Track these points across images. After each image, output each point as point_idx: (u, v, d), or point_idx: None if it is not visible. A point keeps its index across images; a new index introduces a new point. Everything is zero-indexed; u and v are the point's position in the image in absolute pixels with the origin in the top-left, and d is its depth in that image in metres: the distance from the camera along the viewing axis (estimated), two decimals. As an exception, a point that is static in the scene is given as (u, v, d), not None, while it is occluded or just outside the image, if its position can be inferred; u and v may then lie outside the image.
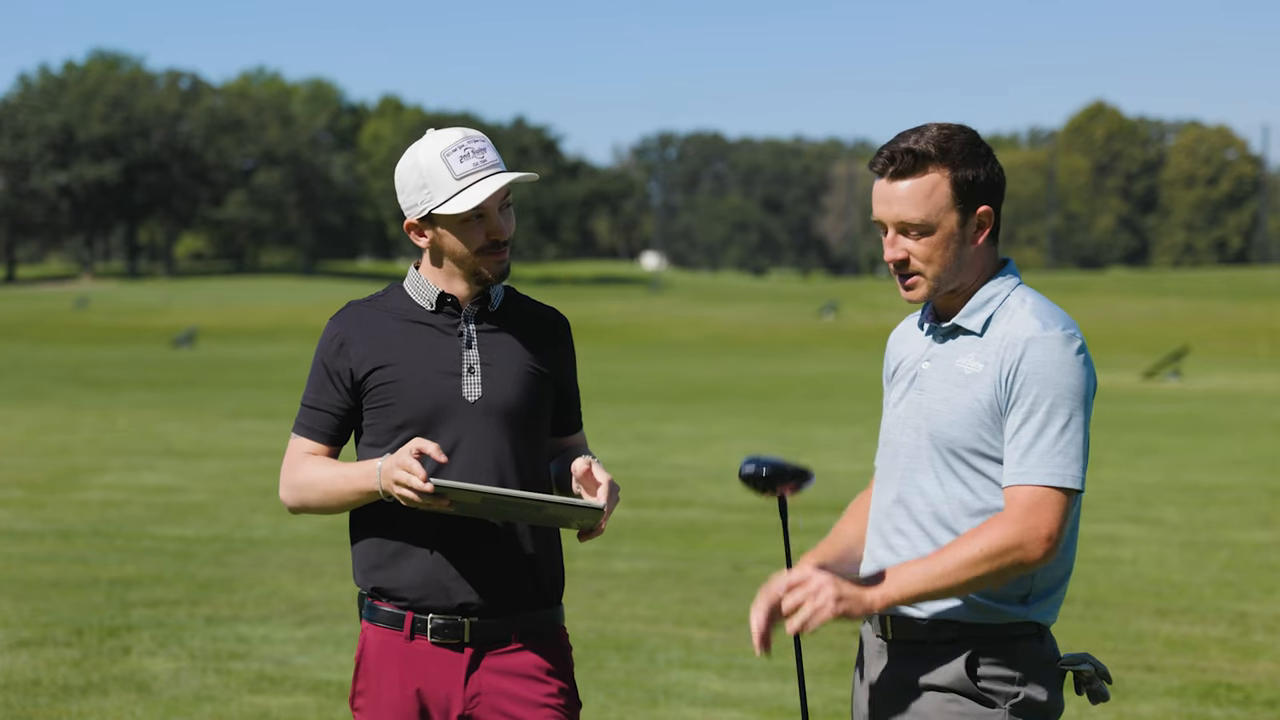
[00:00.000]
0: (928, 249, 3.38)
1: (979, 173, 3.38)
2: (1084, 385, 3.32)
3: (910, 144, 3.37)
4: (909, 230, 3.39)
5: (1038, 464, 3.28)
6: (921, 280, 3.41)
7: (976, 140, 3.41)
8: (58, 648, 8.62)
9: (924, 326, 3.52)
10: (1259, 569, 11.99)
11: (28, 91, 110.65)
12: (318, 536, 12.80)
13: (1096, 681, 3.43)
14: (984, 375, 3.36)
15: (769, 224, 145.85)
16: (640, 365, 42.15)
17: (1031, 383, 3.30)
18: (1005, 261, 3.49)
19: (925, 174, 3.36)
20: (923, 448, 3.41)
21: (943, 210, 3.37)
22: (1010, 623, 3.37)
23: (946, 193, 3.37)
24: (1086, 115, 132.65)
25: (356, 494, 3.67)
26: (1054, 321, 3.35)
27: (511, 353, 3.77)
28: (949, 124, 3.42)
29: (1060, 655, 3.45)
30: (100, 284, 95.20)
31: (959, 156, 3.37)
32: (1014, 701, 3.37)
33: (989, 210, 3.41)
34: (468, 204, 3.63)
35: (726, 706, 7.75)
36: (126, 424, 23.12)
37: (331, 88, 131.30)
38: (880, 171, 3.40)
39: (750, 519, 14.22)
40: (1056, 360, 3.31)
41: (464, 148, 3.67)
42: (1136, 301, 66.19)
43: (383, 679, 3.74)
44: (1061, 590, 3.44)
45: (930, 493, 3.40)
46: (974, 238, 3.41)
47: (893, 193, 3.38)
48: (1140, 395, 31.53)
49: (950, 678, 3.38)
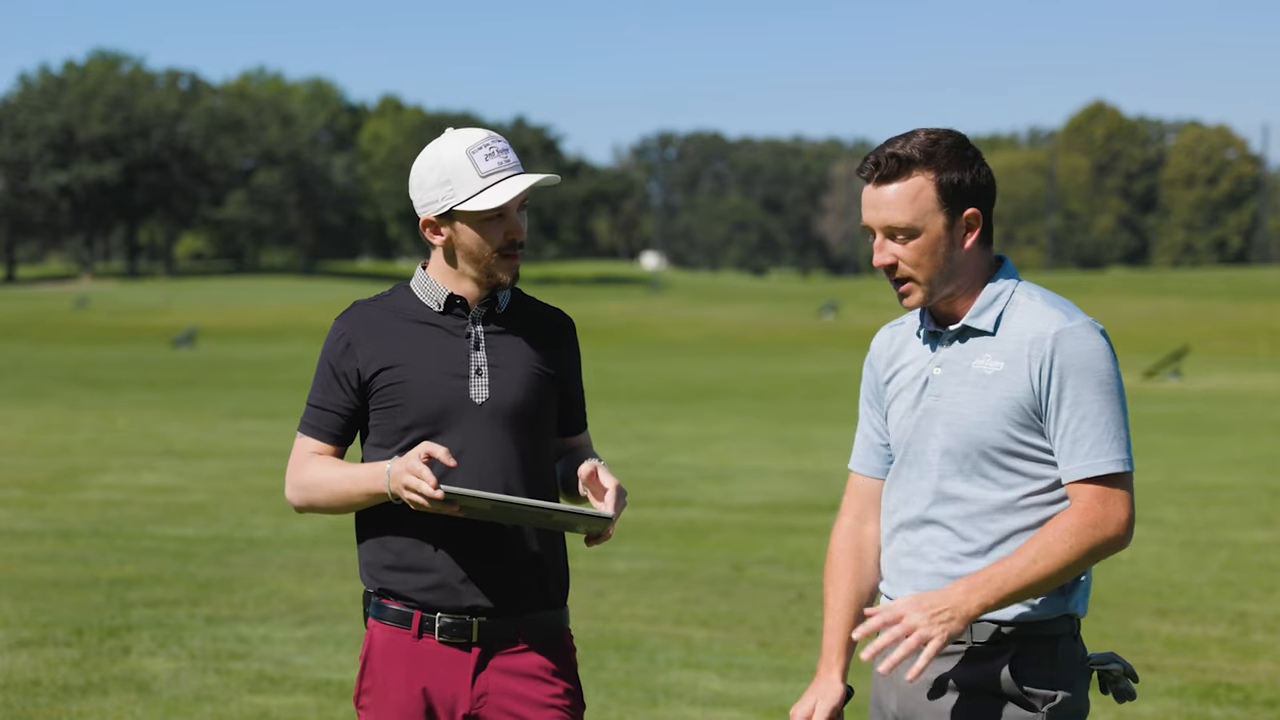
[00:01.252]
0: (915, 253, 3.40)
1: (965, 175, 3.39)
2: (1116, 368, 3.38)
3: (895, 149, 3.39)
4: (896, 234, 3.40)
5: (1095, 454, 3.32)
6: (915, 286, 3.42)
7: (964, 144, 3.42)
8: (58, 648, 8.62)
9: (921, 333, 3.52)
10: (1259, 569, 11.99)
11: (28, 91, 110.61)
12: (318, 536, 12.80)
13: (1123, 680, 3.44)
14: (1008, 373, 3.37)
15: (769, 224, 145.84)
16: (640, 365, 42.15)
17: (1070, 375, 3.33)
18: (1002, 260, 3.50)
19: (910, 178, 3.38)
20: (949, 453, 3.41)
21: (929, 214, 3.39)
22: (1050, 619, 3.37)
23: (932, 196, 3.38)
24: (1086, 115, 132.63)
25: (364, 496, 3.67)
26: (1074, 311, 3.39)
27: (518, 354, 3.77)
28: (936, 129, 3.43)
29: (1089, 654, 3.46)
30: (100, 284, 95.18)
31: (944, 160, 3.38)
32: (1052, 705, 3.36)
33: (976, 213, 3.41)
34: (493, 201, 3.64)
35: (726, 706, 7.75)
36: (126, 424, 23.12)
37: (331, 88, 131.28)
38: (867, 177, 3.43)
39: (750, 519, 14.22)
40: (1089, 349, 3.34)
41: (489, 146, 3.68)
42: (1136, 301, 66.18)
43: (389, 677, 3.75)
44: (1089, 579, 3.46)
45: (963, 495, 3.40)
46: (962, 240, 3.42)
47: (879, 198, 3.40)
48: (1140, 395, 31.52)
49: (991, 680, 3.36)
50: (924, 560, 3.43)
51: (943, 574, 3.40)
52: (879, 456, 3.60)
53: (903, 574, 3.48)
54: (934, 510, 3.43)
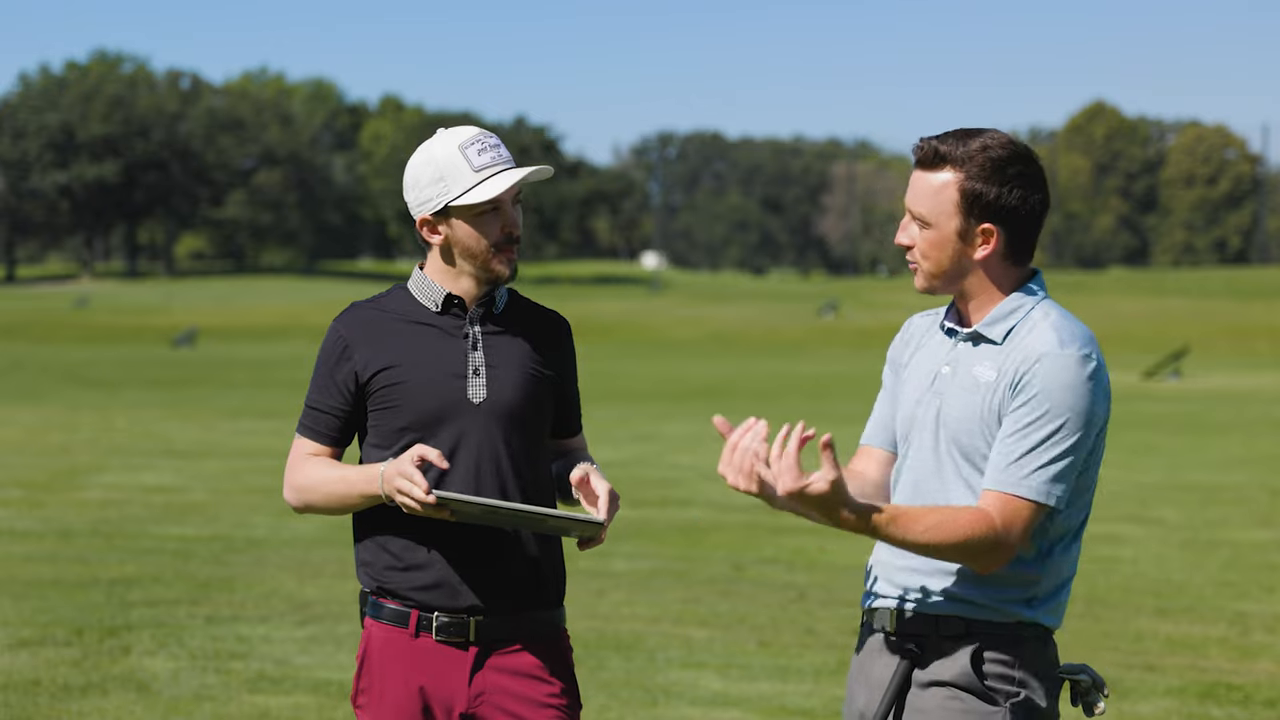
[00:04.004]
0: (926, 244, 3.43)
1: (991, 190, 3.37)
2: (1089, 408, 3.32)
3: (942, 141, 3.41)
4: (916, 220, 3.43)
5: (1021, 475, 3.29)
6: (919, 271, 3.46)
7: (1012, 161, 3.39)
8: (58, 648, 8.61)
9: (944, 328, 3.54)
10: (1259, 569, 11.99)
11: (28, 91, 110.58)
12: (318, 536, 12.80)
13: (1093, 693, 3.45)
14: (996, 384, 3.37)
15: (769, 224, 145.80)
16: (640, 365, 42.16)
17: (1034, 396, 3.31)
18: (1034, 273, 3.49)
19: (940, 172, 3.40)
20: (941, 451, 3.43)
21: (945, 213, 3.39)
22: (1017, 622, 3.38)
23: (953, 197, 3.39)
24: (1086, 115, 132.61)
25: (359, 498, 3.68)
26: (1072, 340, 3.34)
27: (515, 355, 3.78)
28: (1003, 135, 3.42)
29: (1060, 664, 3.46)
30: (100, 284, 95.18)
31: (977, 168, 3.37)
32: (1014, 701, 3.37)
33: (991, 229, 3.39)
34: (487, 194, 3.66)
35: (726, 706, 7.75)
36: (126, 424, 23.12)
37: (332, 87, 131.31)
38: (914, 157, 3.47)
39: (750, 519, 14.22)
40: (1066, 381, 3.31)
41: (480, 142, 3.71)
42: (1136, 301, 66.21)
43: (386, 676, 3.75)
44: (1065, 594, 3.45)
45: (947, 494, 3.41)
46: (975, 251, 3.42)
47: (913, 180, 3.45)
48: (1140, 395, 31.53)
49: (954, 673, 3.38)
50: (900, 555, 3.46)
51: (913, 569, 3.43)
52: (890, 433, 3.61)
53: (882, 565, 3.50)
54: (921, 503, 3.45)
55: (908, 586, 3.44)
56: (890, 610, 3.45)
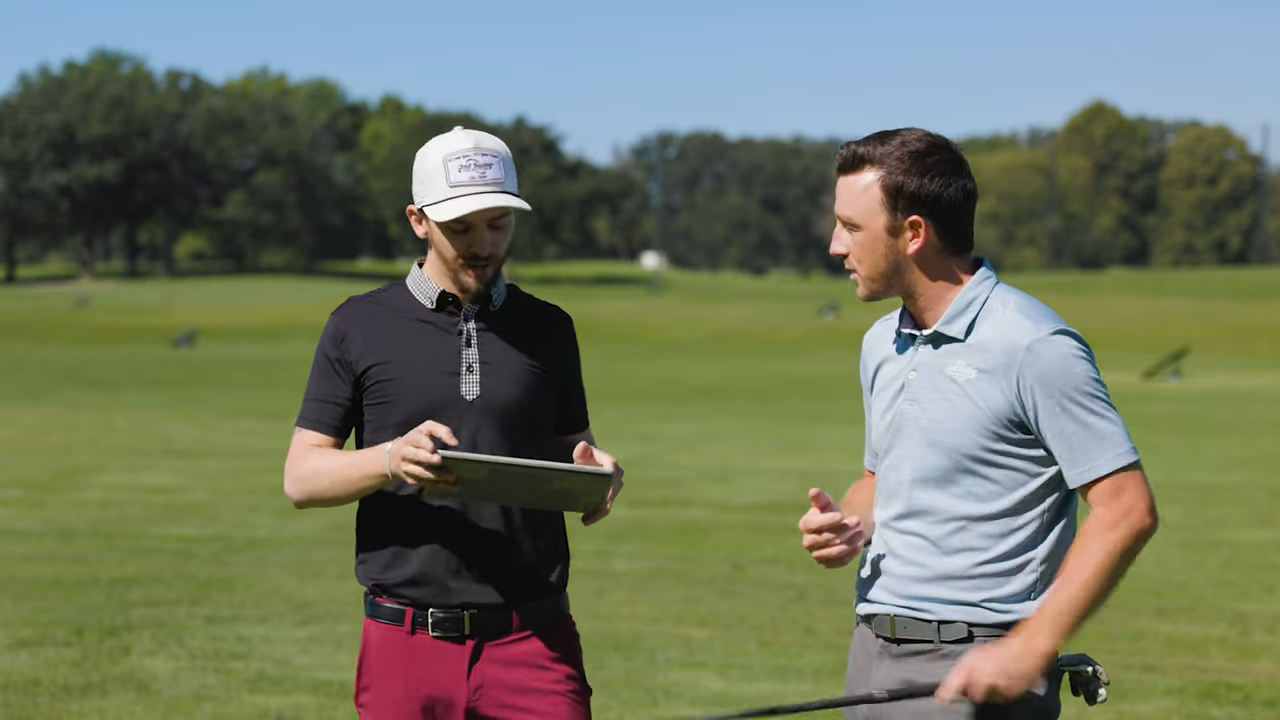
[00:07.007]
0: (859, 247, 3.44)
1: (914, 182, 3.37)
2: (1091, 367, 3.35)
3: (860, 144, 3.43)
4: (847, 226, 3.44)
5: (1094, 456, 3.31)
6: (858, 278, 3.47)
7: (931, 151, 3.39)
8: (58, 648, 8.61)
9: (901, 334, 3.52)
10: (1259, 569, 11.99)
11: (28, 91, 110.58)
12: (318, 536, 12.80)
13: (1094, 683, 3.44)
14: (981, 383, 3.35)
15: (769, 224, 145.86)
16: (640, 365, 42.16)
17: (1048, 385, 3.31)
18: (979, 262, 3.48)
19: (862, 173, 3.41)
20: (925, 459, 3.41)
21: (872, 212, 3.40)
22: (1018, 620, 3.37)
23: (877, 195, 3.40)
24: (1086, 115, 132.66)
25: (365, 479, 3.65)
26: (1044, 319, 3.36)
27: (511, 351, 3.77)
28: (916, 130, 3.43)
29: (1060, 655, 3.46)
30: (100, 284, 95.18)
31: (896, 161, 3.38)
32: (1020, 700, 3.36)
33: (919, 220, 3.38)
34: (449, 214, 3.65)
35: (726, 706, 7.74)
36: (126, 424, 23.12)
37: (332, 87, 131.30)
38: (836, 165, 3.48)
39: (750, 519, 14.22)
40: (1061, 355, 3.32)
41: (467, 158, 3.67)
42: (1136, 301, 66.21)
43: (386, 675, 3.75)
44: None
45: (937, 504, 3.40)
46: (907, 246, 3.41)
47: (839, 187, 3.46)
48: (1140, 395, 31.52)
49: None
50: (898, 561, 3.45)
51: (913, 577, 3.42)
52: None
53: (878, 572, 3.50)
54: (907, 520, 3.44)
55: (906, 593, 3.43)
56: (889, 617, 3.45)
